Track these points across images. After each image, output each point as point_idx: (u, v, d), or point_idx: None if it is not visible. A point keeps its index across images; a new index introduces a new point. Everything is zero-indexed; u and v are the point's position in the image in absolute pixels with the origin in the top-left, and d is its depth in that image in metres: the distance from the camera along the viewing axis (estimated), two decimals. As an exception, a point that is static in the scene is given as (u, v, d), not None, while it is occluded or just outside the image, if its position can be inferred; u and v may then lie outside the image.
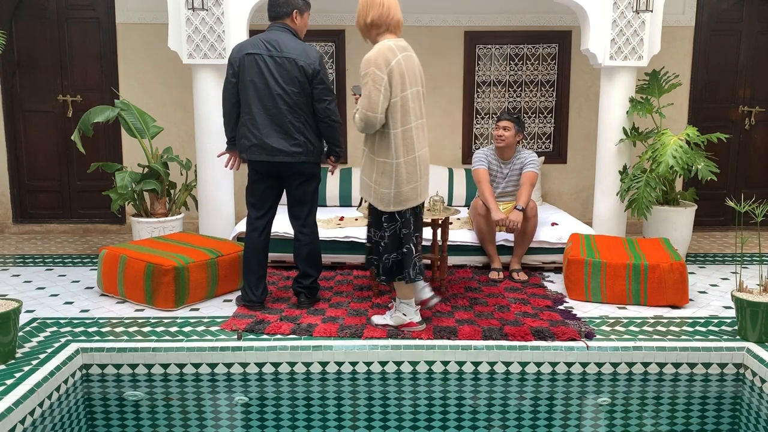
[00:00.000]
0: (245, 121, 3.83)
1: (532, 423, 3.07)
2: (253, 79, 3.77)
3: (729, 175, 6.49)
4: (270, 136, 3.77)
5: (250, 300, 3.99)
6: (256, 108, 3.77)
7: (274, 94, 3.76)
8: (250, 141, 3.82)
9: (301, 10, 3.92)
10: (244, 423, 3.10)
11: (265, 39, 3.82)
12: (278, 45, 3.79)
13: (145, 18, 6.07)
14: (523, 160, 4.89)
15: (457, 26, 6.20)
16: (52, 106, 6.25)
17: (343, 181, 5.90)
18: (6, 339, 3.20)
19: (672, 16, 6.08)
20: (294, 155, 3.80)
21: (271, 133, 3.77)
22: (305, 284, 4.06)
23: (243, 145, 3.87)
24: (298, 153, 3.80)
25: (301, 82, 3.77)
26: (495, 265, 4.78)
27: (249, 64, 3.78)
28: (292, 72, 3.76)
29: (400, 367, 3.45)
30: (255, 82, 3.76)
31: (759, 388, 3.28)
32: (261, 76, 3.76)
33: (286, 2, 3.87)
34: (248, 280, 4.00)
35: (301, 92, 3.78)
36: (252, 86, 3.77)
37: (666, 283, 4.11)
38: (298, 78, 3.76)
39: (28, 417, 2.83)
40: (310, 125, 3.85)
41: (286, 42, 3.81)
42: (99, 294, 4.40)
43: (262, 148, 3.79)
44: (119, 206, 5.17)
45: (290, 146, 3.78)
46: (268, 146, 3.78)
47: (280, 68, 3.75)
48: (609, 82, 5.11)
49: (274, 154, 3.79)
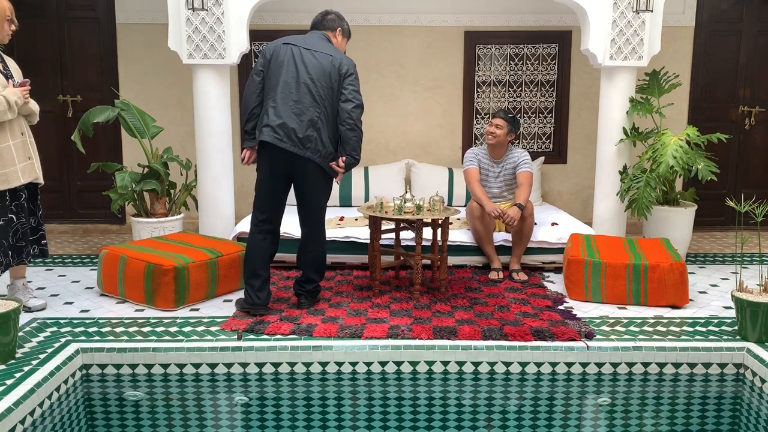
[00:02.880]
0: (267, 109, 3.78)
1: (532, 423, 3.07)
2: (285, 65, 3.76)
3: (729, 175, 6.49)
4: (286, 122, 3.70)
5: (254, 303, 3.88)
6: (281, 94, 3.74)
7: (302, 82, 3.74)
8: (263, 122, 3.77)
9: (345, 33, 4.03)
10: (244, 423, 3.10)
11: (305, 38, 3.89)
12: (316, 44, 3.85)
13: (145, 18, 6.07)
14: (515, 160, 4.89)
15: (457, 26, 6.20)
16: (52, 106, 6.24)
17: (343, 181, 5.90)
18: (6, 339, 3.19)
19: (672, 16, 6.08)
20: (301, 147, 3.72)
21: (289, 119, 3.71)
22: (307, 288, 4.05)
23: (259, 129, 3.80)
24: (307, 147, 3.73)
25: (331, 79, 3.76)
26: (495, 265, 4.78)
27: (283, 52, 3.80)
28: (324, 66, 3.77)
29: (400, 367, 3.45)
30: (286, 68, 3.76)
31: (759, 388, 3.28)
32: (293, 63, 3.76)
33: (335, 19, 3.99)
34: (250, 281, 3.91)
35: (329, 88, 3.76)
36: (282, 72, 3.76)
37: (666, 283, 4.11)
38: (329, 73, 3.76)
39: (28, 417, 2.83)
40: (329, 126, 3.80)
41: (323, 44, 3.87)
42: (99, 294, 4.40)
43: (273, 131, 3.71)
44: (119, 206, 5.17)
45: (301, 137, 3.71)
46: (280, 130, 3.70)
47: (313, 60, 3.78)
48: (609, 82, 5.11)
49: (283, 140, 3.71)
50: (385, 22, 6.16)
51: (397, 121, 6.32)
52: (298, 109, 3.73)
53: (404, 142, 6.35)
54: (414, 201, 4.23)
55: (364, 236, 4.82)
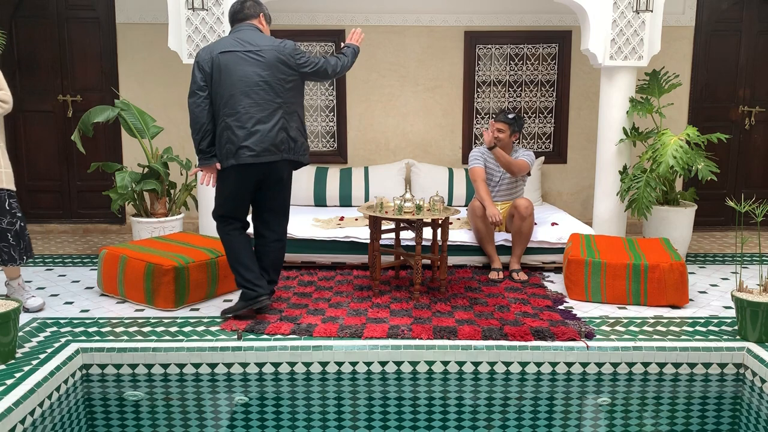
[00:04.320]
0: (227, 125, 3.60)
1: (532, 423, 3.07)
2: (232, 74, 3.58)
3: (729, 175, 6.49)
4: (257, 135, 3.59)
5: (259, 294, 3.74)
6: (243, 106, 3.58)
7: (257, 86, 3.60)
8: (235, 144, 3.59)
9: (267, 18, 3.88)
10: (244, 423, 3.10)
11: (236, 38, 3.69)
12: (253, 41, 3.68)
13: (145, 18, 6.07)
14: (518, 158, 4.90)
15: (457, 26, 6.20)
16: (52, 106, 6.25)
17: (343, 181, 5.90)
18: (6, 339, 3.19)
19: (672, 16, 6.08)
20: (277, 152, 3.66)
21: (259, 130, 3.59)
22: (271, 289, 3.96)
23: (228, 151, 3.61)
24: (282, 150, 3.68)
25: (285, 73, 3.68)
26: (495, 265, 4.78)
27: (226, 63, 3.60)
28: (272, 62, 3.65)
29: (400, 367, 3.45)
30: (235, 77, 3.58)
31: (759, 388, 3.28)
32: (240, 71, 3.59)
33: (254, 4, 3.80)
34: (247, 276, 3.77)
35: (285, 81, 3.68)
36: (232, 81, 3.58)
37: (666, 283, 4.11)
38: (280, 67, 3.67)
39: (28, 417, 2.83)
40: (300, 120, 3.76)
41: (258, 38, 3.71)
42: (99, 294, 4.40)
43: (249, 149, 3.58)
44: (119, 206, 5.17)
45: (276, 143, 3.64)
46: (258, 144, 3.59)
47: (261, 62, 3.62)
48: (609, 82, 5.11)
49: (261, 155, 3.60)
50: (385, 22, 6.16)
51: (397, 121, 6.32)
52: (262, 116, 3.61)
53: (404, 142, 6.35)
54: (414, 201, 4.23)
55: (364, 236, 4.82)
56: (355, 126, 6.32)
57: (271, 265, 3.94)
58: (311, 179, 5.91)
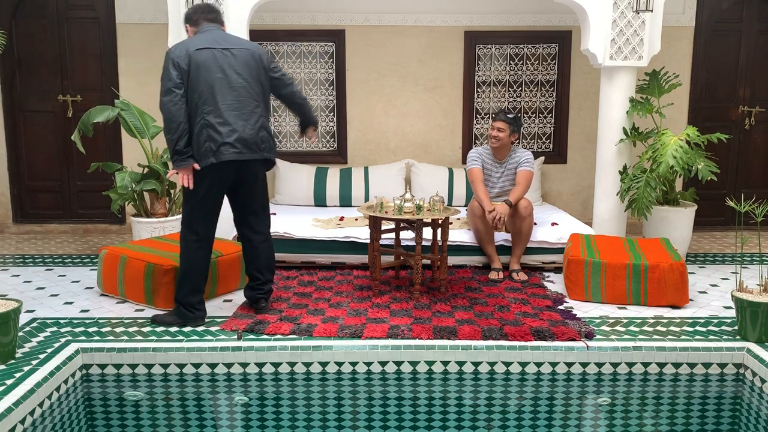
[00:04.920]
0: (208, 123, 3.53)
1: (532, 423, 3.07)
2: (210, 72, 3.54)
3: (729, 175, 6.49)
4: (240, 131, 3.57)
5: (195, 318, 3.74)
6: (223, 102, 3.54)
7: (236, 85, 3.59)
8: (217, 142, 3.53)
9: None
10: (244, 423, 3.10)
11: (209, 37, 3.66)
12: (226, 40, 3.68)
13: (145, 18, 6.07)
14: (518, 159, 4.89)
15: (457, 26, 6.20)
16: (52, 106, 6.25)
17: (343, 181, 5.90)
18: (6, 339, 3.20)
19: (672, 16, 6.08)
20: (258, 151, 3.66)
21: (241, 127, 3.58)
22: (267, 289, 3.97)
23: (208, 149, 3.53)
24: (262, 149, 3.68)
25: (258, 73, 3.69)
26: (495, 265, 4.78)
27: (204, 59, 3.55)
28: (248, 62, 3.65)
29: (400, 367, 3.45)
30: (213, 74, 3.54)
31: (759, 388, 3.28)
32: (218, 68, 3.56)
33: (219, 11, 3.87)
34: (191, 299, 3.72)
35: (257, 83, 3.68)
36: (210, 79, 3.54)
37: (666, 283, 4.11)
38: (254, 68, 3.67)
39: (28, 417, 2.83)
40: (266, 118, 3.76)
41: (231, 38, 3.74)
42: (99, 294, 4.40)
43: (232, 146, 3.55)
44: (119, 206, 5.17)
45: (257, 141, 3.65)
46: (240, 141, 3.57)
47: (237, 60, 3.62)
48: (609, 82, 5.11)
49: (243, 152, 3.58)
50: (385, 22, 6.16)
51: (397, 121, 6.32)
52: (243, 114, 3.60)
53: (404, 142, 6.35)
54: (414, 201, 4.23)
55: (364, 236, 4.82)
56: (355, 126, 6.32)
57: (266, 266, 3.94)
58: (311, 179, 5.91)
